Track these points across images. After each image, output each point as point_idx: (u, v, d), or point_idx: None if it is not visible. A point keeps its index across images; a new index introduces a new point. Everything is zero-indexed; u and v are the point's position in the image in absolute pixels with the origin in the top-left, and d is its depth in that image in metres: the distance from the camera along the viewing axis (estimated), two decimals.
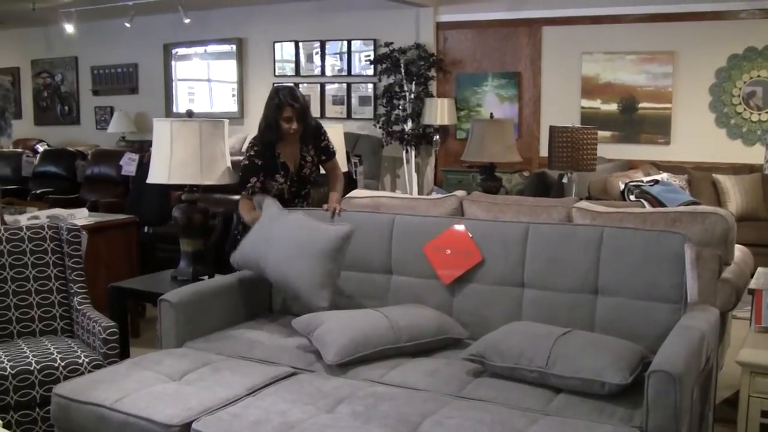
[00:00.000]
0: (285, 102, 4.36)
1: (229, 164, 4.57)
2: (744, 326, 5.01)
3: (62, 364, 3.62)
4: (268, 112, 4.46)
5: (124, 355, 4.27)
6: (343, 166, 5.46)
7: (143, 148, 9.33)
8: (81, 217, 5.63)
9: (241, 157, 8.03)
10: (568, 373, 3.08)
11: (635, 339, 3.39)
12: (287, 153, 4.52)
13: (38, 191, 8.98)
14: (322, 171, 4.76)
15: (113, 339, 3.74)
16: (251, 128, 11.09)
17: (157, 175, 4.42)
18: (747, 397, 3.09)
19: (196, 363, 3.48)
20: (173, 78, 12.38)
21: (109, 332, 3.74)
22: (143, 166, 7.43)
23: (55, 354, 3.68)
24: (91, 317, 3.90)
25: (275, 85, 4.56)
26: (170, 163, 4.33)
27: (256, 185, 4.43)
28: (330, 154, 4.69)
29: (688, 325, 3.25)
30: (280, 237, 4.01)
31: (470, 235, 3.91)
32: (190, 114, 4.63)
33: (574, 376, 3.07)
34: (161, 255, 6.61)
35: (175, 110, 12.32)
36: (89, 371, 3.60)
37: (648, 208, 6.16)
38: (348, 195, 5.16)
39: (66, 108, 13.57)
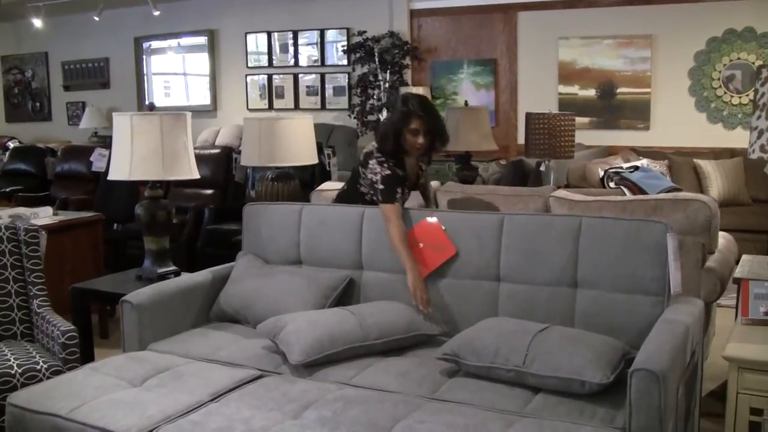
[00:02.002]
0: (414, 112, 3.84)
1: (193, 158, 4.37)
2: (728, 314, 4.91)
3: (19, 371, 3.43)
4: (392, 119, 3.94)
5: (88, 358, 4.10)
6: (313, 158, 5.33)
7: None
8: (45, 215, 5.45)
9: (215, 150, 7.99)
10: (546, 372, 2.94)
11: (616, 333, 3.26)
12: (410, 164, 4.06)
13: (7, 189, 8.80)
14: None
15: (73, 343, 3.57)
16: (224, 121, 10.97)
17: (118, 172, 4.22)
18: (735, 393, 2.96)
19: (158, 367, 3.31)
20: (145, 72, 12.16)
21: (68, 336, 3.56)
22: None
23: (12, 360, 3.50)
24: (51, 321, 3.73)
25: (404, 92, 4.11)
26: (131, 158, 4.14)
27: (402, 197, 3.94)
28: (429, 159, 4.29)
29: (672, 319, 3.12)
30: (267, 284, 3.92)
31: (443, 228, 3.77)
32: (151, 107, 4.45)
33: (552, 375, 2.93)
34: (132, 252, 6.45)
35: (145, 104, 12.08)
36: (48, 378, 3.42)
37: (628, 195, 6.05)
38: (318, 188, 5.02)
39: (37, 104, 13.33)
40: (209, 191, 7.62)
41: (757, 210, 7.44)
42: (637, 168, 6.79)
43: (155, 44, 12.06)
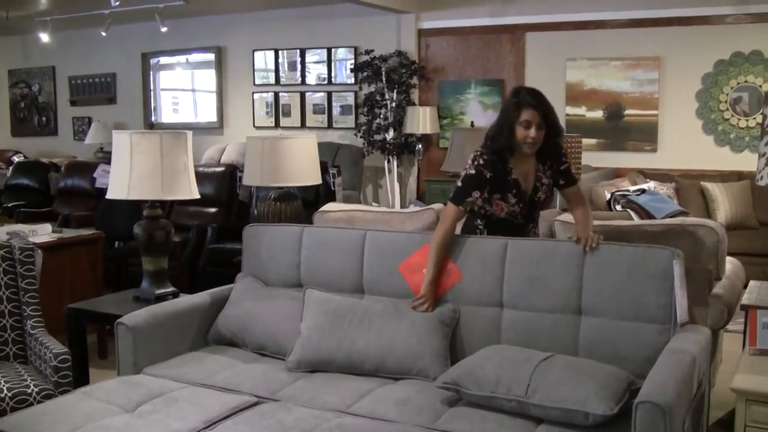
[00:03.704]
0: (525, 102, 3.56)
1: (194, 178, 4.31)
2: (736, 339, 4.83)
3: (9, 394, 3.36)
4: (503, 113, 3.66)
5: (82, 381, 4.03)
6: (316, 178, 5.27)
7: None
8: (44, 233, 5.39)
9: (219, 168, 7.95)
10: (549, 402, 2.86)
11: (621, 362, 3.19)
12: (521, 170, 3.70)
13: (9, 204, 8.75)
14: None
15: (65, 366, 3.50)
16: (231, 138, 10.94)
17: (116, 191, 4.17)
18: (743, 426, 2.88)
19: (152, 392, 3.24)
20: (152, 88, 12.15)
21: (61, 359, 3.49)
22: None
23: (3, 383, 3.42)
24: (44, 342, 3.66)
25: (516, 86, 3.78)
26: (130, 177, 4.08)
27: (477, 202, 3.69)
28: (572, 179, 3.85)
29: (678, 348, 3.04)
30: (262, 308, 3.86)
31: (447, 253, 3.69)
32: (151, 125, 4.39)
33: (555, 406, 2.85)
34: (134, 270, 6.39)
35: (151, 119, 12.07)
36: (38, 402, 3.35)
37: (635, 218, 5.98)
38: (321, 209, 4.96)
39: (43, 119, 13.33)
40: (212, 209, 7.56)
41: (764, 234, 7.36)
42: (644, 191, 6.73)
43: (163, 60, 12.07)
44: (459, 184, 3.69)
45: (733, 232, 5.75)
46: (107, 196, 4.24)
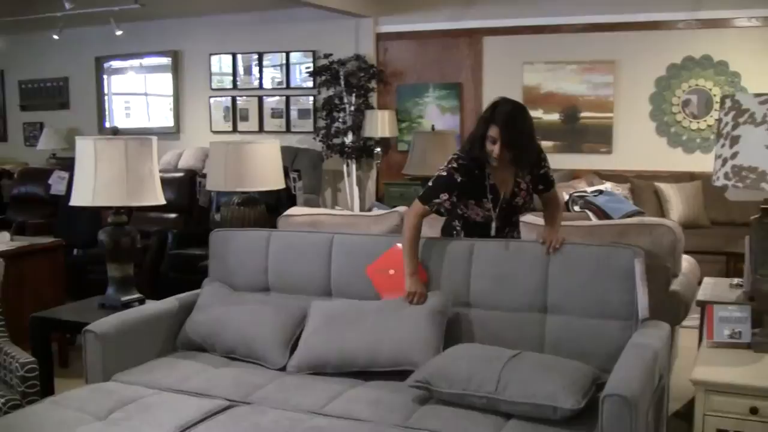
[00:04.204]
0: (494, 119, 3.56)
1: (159, 184, 4.31)
2: (690, 335, 4.95)
3: None
4: (477, 123, 3.67)
5: (47, 391, 3.99)
6: (279, 183, 5.30)
7: (74, 166, 8.97)
8: (1, 241, 5.33)
9: (179, 174, 7.92)
10: (518, 398, 2.93)
11: (586, 358, 3.27)
12: (499, 175, 3.71)
13: None
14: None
15: (32, 376, 3.48)
16: (188, 143, 10.88)
17: (80, 197, 4.14)
18: (702, 415, 2.98)
19: (123, 399, 3.24)
20: (106, 92, 12.03)
21: (28, 369, 3.48)
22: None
23: None
24: (8, 353, 3.63)
25: (502, 96, 3.71)
26: (94, 184, 4.07)
27: (445, 204, 3.72)
28: (550, 184, 3.85)
29: (640, 343, 3.14)
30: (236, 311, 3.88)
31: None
32: (115, 131, 4.38)
33: (525, 402, 2.92)
34: (94, 278, 6.34)
35: (106, 125, 11.95)
36: (5, 413, 3.31)
37: (593, 219, 6.09)
38: (285, 213, 4.98)
39: None
40: (172, 215, 7.53)
41: (716, 233, 7.52)
42: (601, 192, 6.85)
43: (116, 64, 11.93)
44: (430, 183, 3.73)
45: (686, 231, 5.83)
46: (71, 203, 4.21)
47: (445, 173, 3.68)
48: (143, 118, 11.91)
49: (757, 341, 3.23)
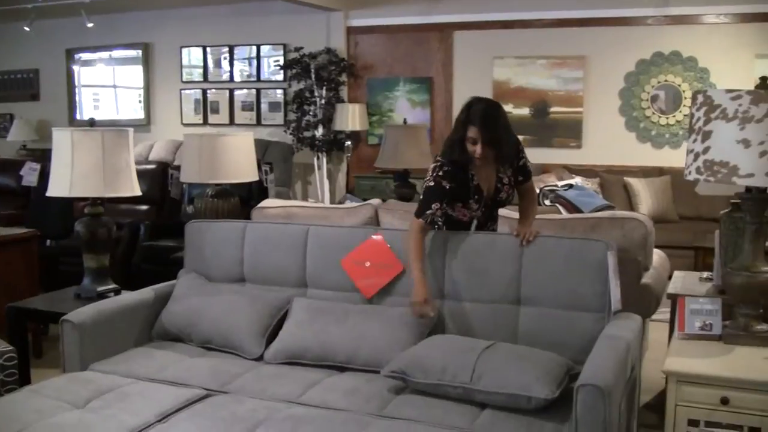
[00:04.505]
0: (471, 120, 3.56)
1: (135, 175, 4.32)
2: (659, 328, 5.04)
3: None
4: (454, 127, 3.67)
5: (24, 380, 4.00)
6: (253, 175, 5.32)
7: (45, 157, 8.91)
8: None
9: (151, 166, 7.90)
10: (493, 388, 2.99)
11: (559, 349, 3.33)
12: (482, 174, 3.72)
13: None
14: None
15: (11, 365, 3.49)
16: (158, 135, 10.83)
17: (57, 188, 4.15)
18: (674, 405, 3.04)
19: (101, 388, 3.25)
20: (76, 84, 11.95)
21: (6, 358, 3.48)
22: (46, 177, 7.10)
23: None
24: None
25: (474, 96, 3.71)
26: (71, 175, 4.07)
27: (437, 213, 3.68)
28: (528, 174, 3.88)
29: (613, 335, 3.20)
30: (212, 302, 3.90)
31: (389, 246, 3.79)
32: (92, 123, 4.37)
33: (499, 392, 2.98)
34: (65, 269, 6.33)
35: (78, 117, 11.90)
36: None
37: (564, 212, 6.16)
38: (259, 205, 5.00)
39: None
40: (144, 207, 7.53)
41: (684, 227, 7.64)
42: (571, 186, 6.92)
43: (85, 56, 11.85)
44: (421, 196, 3.72)
45: (655, 226, 5.94)
46: (48, 194, 4.21)
47: (432, 183, 3.67)
48: (112, 110, 11.84)
49: (727, 333, 3.30)
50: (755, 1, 8.18)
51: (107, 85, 11.91)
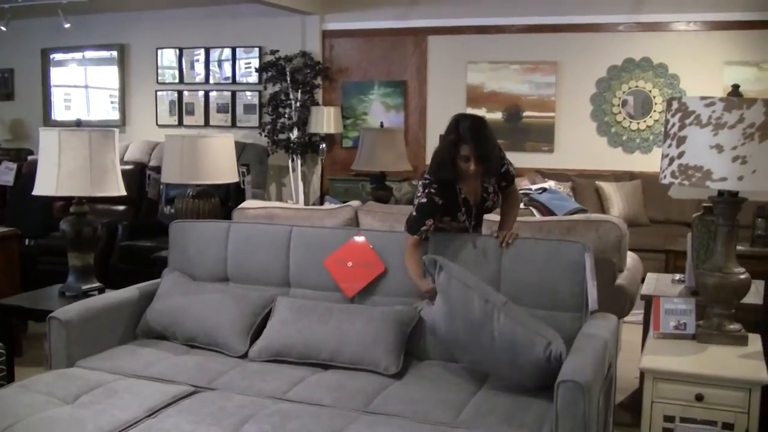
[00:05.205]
0: (463, 139, 3.58)
1: (120, 175, 4.37)
2: (633, 330, 5.16)
3: None
4: (442, 146, 3.66)
5: (8, 378, 4.03)
6: (233, 176, 5.38)
7: (20, 157, 8.91)
8: None
9: (129, 167, 7.90)
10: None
11: None
12: (468, 187, 3.76)
13: None
14: None
15: (0, 361, 3.53)
16: (133, 136, 10.81)
17: (43, 187, 4.19)
18: (650, 402, 3.15)
19: (89, 384, 3.30)
20: (52, 84, 11.90)
21: None
22: (22, 176, 7.12)
23: None
24: None
25: (457, 114, 3.72)
26: (58, 174, 4.12)
27: (430, 229, 3.71)
28: (511, 178, 3.91)
29: (591, 334, 3.30)
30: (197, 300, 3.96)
31: (371, 246, 3.87)
32: (78, 123, 4.42)
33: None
34: (43, 268, 6.33)
35: (52, 117, 11.86)
36: None
37: (537, 215, 6.27)
38: (240, 206, 5.06)
39: None
40: (122, 207, 7.55)
41: (655, 230, 7.80)
42: (545, 189, 7.04)
43: (58, 56, 11.80)
44: (414, 213, 3.74)
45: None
46: (34, 193, 4.25)
47: (425, 199, 3.70)
48: (83, 110, 11.78)
49: (701, 332, 3.41)
50: (724, 9, 8.37)
51: (79, 85, 11.87)
